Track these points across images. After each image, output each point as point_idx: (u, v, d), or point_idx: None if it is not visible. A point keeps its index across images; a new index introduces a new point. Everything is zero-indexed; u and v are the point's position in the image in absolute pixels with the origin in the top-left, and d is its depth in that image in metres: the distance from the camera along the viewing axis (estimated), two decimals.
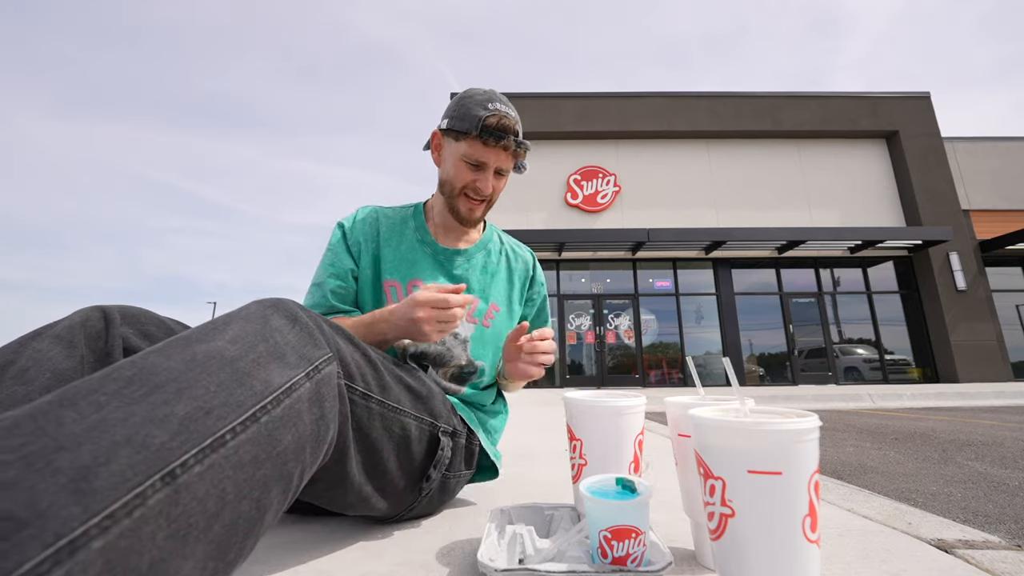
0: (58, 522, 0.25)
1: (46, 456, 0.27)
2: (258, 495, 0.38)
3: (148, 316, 0.64)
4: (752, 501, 0.42)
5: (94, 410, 0.31)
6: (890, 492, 1.75)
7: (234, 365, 0.39)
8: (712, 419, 0.45)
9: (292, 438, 0.42)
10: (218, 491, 0.34)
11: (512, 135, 0.85)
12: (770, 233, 8.63)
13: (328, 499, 0.63)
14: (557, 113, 9.72)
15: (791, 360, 9.09)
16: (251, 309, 0.47)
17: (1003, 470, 2.12)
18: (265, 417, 0.39)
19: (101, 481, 0.28)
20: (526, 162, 0.92)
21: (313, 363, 0.47)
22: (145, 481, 0.29)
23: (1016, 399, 5.90)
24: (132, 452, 0.30)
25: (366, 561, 0.65)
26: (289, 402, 0.42)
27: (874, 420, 4.22)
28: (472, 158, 0.86)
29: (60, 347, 0.53)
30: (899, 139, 9.71)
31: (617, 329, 9.29)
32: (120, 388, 0.33)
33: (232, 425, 0.36)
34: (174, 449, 0.32)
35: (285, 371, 0.43)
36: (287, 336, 0.46)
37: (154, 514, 0.29)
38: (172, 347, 0.39)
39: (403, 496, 0.72)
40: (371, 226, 0.95)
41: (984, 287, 9.13)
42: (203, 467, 0.33)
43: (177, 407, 0.34)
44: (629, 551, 0.54)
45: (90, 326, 0.57)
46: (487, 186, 0.88)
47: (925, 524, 0.82)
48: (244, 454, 0.36)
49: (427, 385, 0.75)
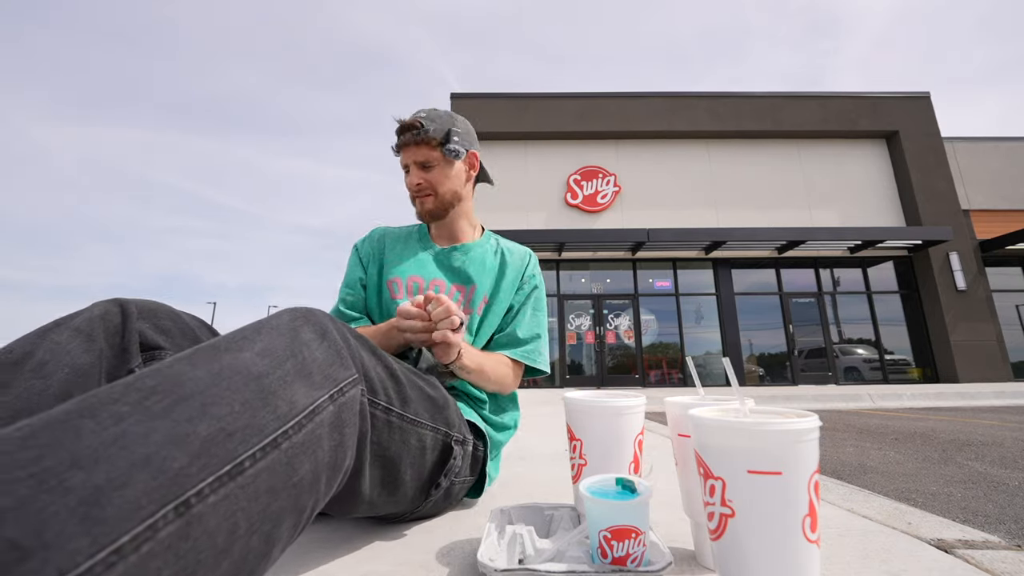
0: (63, 555, 0.23)
1: (59, 473, 0.25)
2: (269, 529, 0.35)
3: (164, 310, 0.64)
4: (752, 501, 0.42)
5: (114, 422, 0.29)
6: (890, 492, 1.75)
7: (260, 382, 0.37)
8: (712, 419, 0.45)
9: (310, 467, 0.39)
10: (230, 524, 0.31)
11: (411, 130, 0.92)
12: (770, 233, 8.63)
13: (336, 510, 0.62)
14: (557, 113, 9.72)
15: (791, 360, 9.09)
16: (282, 319, 0.45)
17: (1003, 470, 2.12)
18: (286, 443, 0.37)
19: (113, 508, 0.26)
20: (456, 146, 0.95)
21: (338, 384, 0.45)
22: (158, 511, 0.27)
23: (1016, 399, 5.90)
24: (149, 476, 0.28)
25: (366, 561, 0.65)
26: (311, 427, 0.40)
27: (874, 420, 4.22)
28: (401, 164, 0.98)
29: (79, 340, 0.52)
30: (899, 139, 9.71)
31: (617, 329, 9.29)
32: (142, 399, 0.31)
33: (253, 451, 0.34)
34: (191, 476, 0.30)
35: (310, 392, 0.41)
36: (315, 352, 0.45)
37: (162, 548, 0.27)
38: (199, 355, 0.37)
39: (411, 502, 0.72)
40: (378, 241, 1.06)
41: (984, 287, 9.13)
42: (218, 497, 0.31)
43: (200, 426, 0.32)
44: (629, 551, 0.54)
45: (109, 320, 0.56)
46: (411, 182, 0.97)
47: (925, 524, 0.82)
48: (261, 484, 0.34)
49: (443, 394, 0.75)
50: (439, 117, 0.96)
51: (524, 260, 1.07)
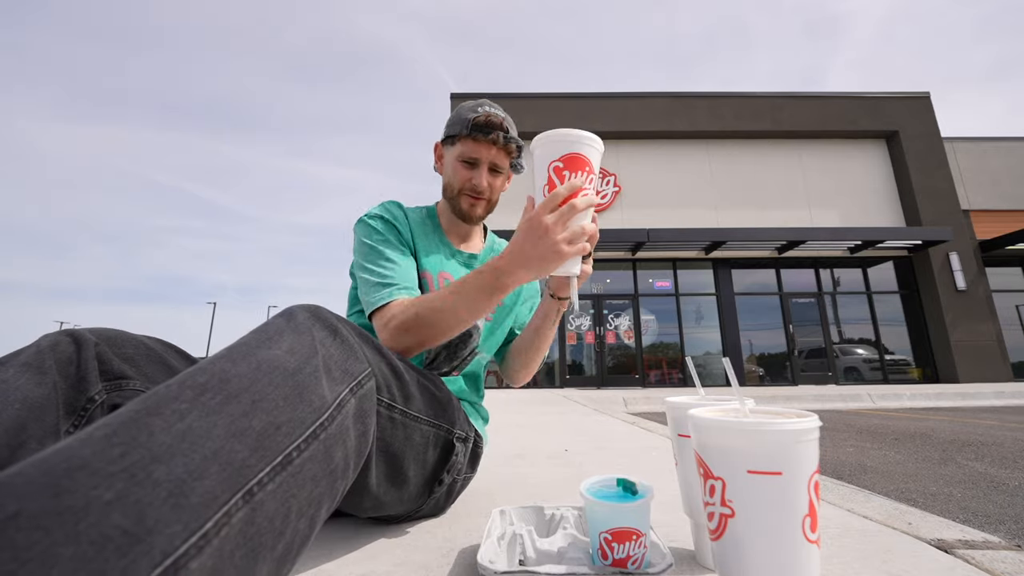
0: (164, 539, 0.26)
1: (145, 467, 0.27)
2: (312, 512, 0.38)
3: (125, 337, 0.61)
4: (752, 501, 0.42)
5: (178, 419, 0.31)
6: (890, 492, 1.75)
7: (295, 378, 0.39)
8: (712, 419, 0.45)
9: (342, 455, 0.42)
10: (284, 509, 0.34)
11: (500, 130, 0.87)
12: (770, 233, 8.63)
13: (346, 505, 0.62)
14: (557, 113, 9.72)
15: (791, 360, 9.09)
16: (298, 321, 0.46)
17: (1003, 470, 2.12)
18: (323, 434, 0.39)
19: (196, 497, 0.28)
20: (523, 161, 0.94)
21: (356, 378, 0.47)
22: (231, 499, 0.30)
23: (1016, 399, 5.90)
24: (219, 468, 0.30)
25: (366, 561, 0.65)
26: (340, 418, 0.42)
27: (874, 420, 4.22)
28: (465, 156, 0.89)
29: (29, 374, 0.50)
30: (899, 139, 9.71)
31: (617, 329, 9.29)
32: (197, 396, 0.33)
33: (298, 442, 0.37)
34: (252, 466, 0.32)
35: (334, 386, 0.43)
36: (331, 349, 0.46)
37: (235, 532, 0.30)
38: (236, 352, 0.39)
39: (415, 499, 0.73)
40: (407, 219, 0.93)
41: (984, 287, 9.13)
42: (274, 485, 0.33)
43: (254, 421, 0.34)
44: (630, 553, 0.54)
45: (60, 351, 0.54)
46: (482, 181, 0.90)
47: (925, 524, 0.82)
48: (306, 472, 0.37)
49: (447, 392, 0.75)
50: (514, 126, 0.92)
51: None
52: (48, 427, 0.49)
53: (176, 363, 0.65)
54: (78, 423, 0.52)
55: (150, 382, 0.60)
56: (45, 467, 0.25)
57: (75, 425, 0.52)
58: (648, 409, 5.33)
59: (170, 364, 0.64)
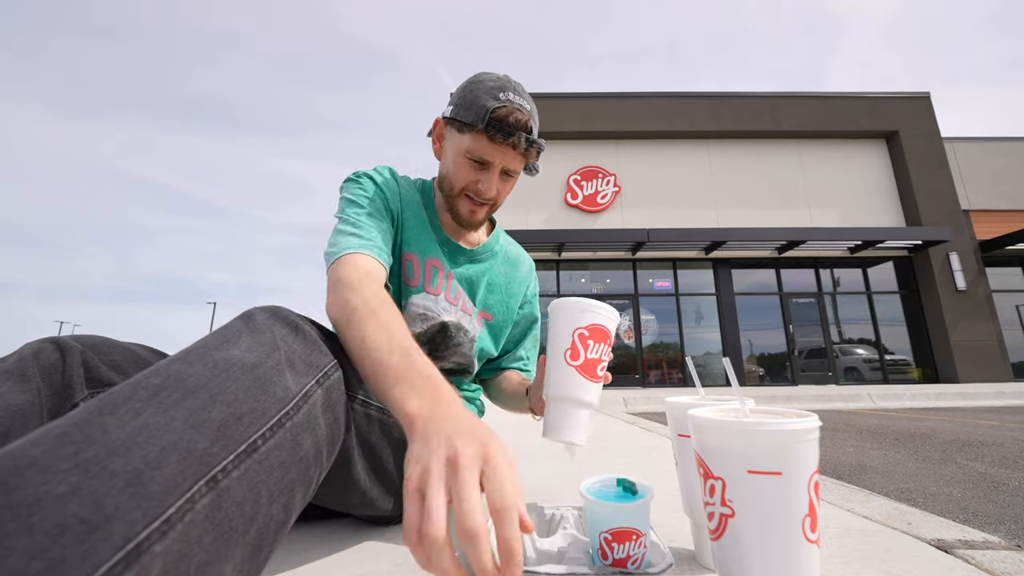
0: (124, 525, 0.26)
1: (100, 461, 0.28)
2: (286, 499, 0.39)
3: (111, 344, 0.61)
4: (752, 501, 0.42)
5: (132, 416, 0.31)
6: (890, 492, 1.75)
7: (255, 372, 0.40)
8: (712, 419, 0.45)
9: (312, 443, 0.43)
10: (253, 495, 0.35)
11: (524, 131, 0.74)
12: (770, 233, 8.63)
13: (334, 500, 0.64)
14: (557, 113, 9.72)
15: (791, 360, 9.09)
16: (257, 320, 0.47)
17: (1003, 470, 2.12)
18: (289, 423, 0.40)
19: (155, 486, 0.28)
20: (539, 163, 0.82)
21: (322, 370, 0.48)
22: (193, 486, 0.30)
23: (1016, 399, 5.90)
24: (179, 458, 0.31)
25: (366, 561, 0.65)
26: (307, 408, 0.43)
27: (874, 420, 4.22)
28: (476, 154, 0.75)
29: (12, 382, 0.50)
30: (899, 139, 9.71)
31: (617, 329, 9.29)
32: (152, 395, 0.33)
33: (262, 431, 0.37)
34: (215, 454, 0.33)
35: (298, 378, 0.44)
36: (292, 345, 0.47)
37: (201, 518, 0.30)
38: (192, 355, 0.39)
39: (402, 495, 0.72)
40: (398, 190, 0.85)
41: (984, 287, 9.13)
42: (240, 472, 0.34)
43: (213, 413, 0.35)
44: (630, 553, 0.54)
45: (43, 358, 0.53)
46: (490, 188, 0.78)
47: (925, 524, 0.82)
48: (274, 459, 0.37)
49: None
50: (537, 117, 0.78)
51: (528, 279, 1.00)
52: None
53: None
54: None
55: None
56: None
57: None
58: (648, 409, 5.33)
59: None
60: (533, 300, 1.03)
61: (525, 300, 1.00)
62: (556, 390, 0.67)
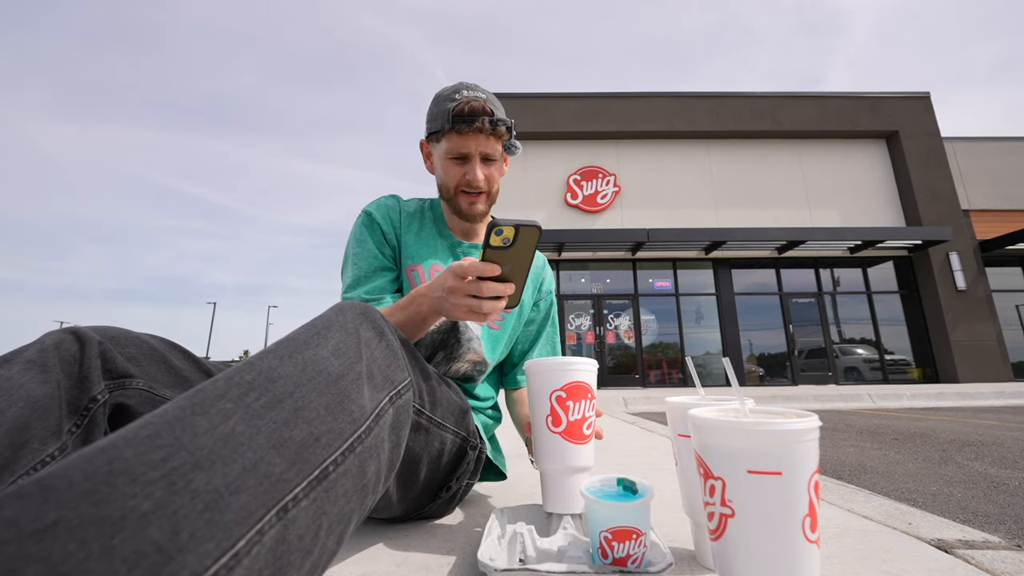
0: (195, 558, 0.25)
1: (185, 474, 0.27)
2: (342, 529, 0.37)
3: (128, 336, 0.61)
4: (752, 501, 0.42)
5: (222, 419, 0.31)
6: (890, 492, 1.75)
7: (338, 385, 0.39)
8: (712, 419, 0.45)
9: (375, 469, 0.41)
10: (315, 527, 0.33)
11: (485, 115, 0.81)
12: (770, 233, 8.63)
13: None
14: (557, 113, 9.72)
15: (791, 360, 9.09)
16: (347, 317, 0.46)
17: (1003, 470, 2.12)
18: (359, 447, 0.38)
19: (231, 514, 0.27)
20: (516, 142, 0.87)
21: (396, 387, 0.47)
22: (264, 516, 0.29)
23: (1016, 399, 5.90)
24: (256, 482, 0.29)
25: (366, 561, 0.65)
26: (376, 430, 0.41)
27: (874, 420, 4.22)
28: (454, 152, 0.84)
29: (33, 372, 0.49)
30: (899, 139, 9.71)
31: (617, 329, 9.29)
32: (242, 395, 0.33)
33: (335, 456, 0.36)
34: (288, 480, 0.31)
35: (374, 394, 0.43)
36: (375, 352, 0.46)
37: (265, 551, 0.29)
38: (283, 349, 0.39)
39: (417, 501, 0.72)
40: (396, 215, 0.92)
41: (984, 287, 9.13)
42: (308, 501, 0.32)
43: (295, 431, 0.33)
44: (630, 552, 0.54)
45: (64, 349, 0.53)
46: (476, 175, 0.84)
47: (925, 524, 0.82)
48: (340, 488, 0.36)
49: (464, 399, 0.74)
50: (499, 103, 0.85)
51: (539, 270, 1.01)
52: (51, 427, 0.49)
53: (179, 363, 0.64)
54: (80, 423, 0.52)
55: (153, 382, 0.60)
56: (88, 470, 0.25)
57: (77, 425, 0.52)
58: (648, 409, 5.33)
59: (172, 364, 0.63)
60: (548, 296, 1.03)
61: (539, 296, 1.02)
62: (546, 463, 0.67)
